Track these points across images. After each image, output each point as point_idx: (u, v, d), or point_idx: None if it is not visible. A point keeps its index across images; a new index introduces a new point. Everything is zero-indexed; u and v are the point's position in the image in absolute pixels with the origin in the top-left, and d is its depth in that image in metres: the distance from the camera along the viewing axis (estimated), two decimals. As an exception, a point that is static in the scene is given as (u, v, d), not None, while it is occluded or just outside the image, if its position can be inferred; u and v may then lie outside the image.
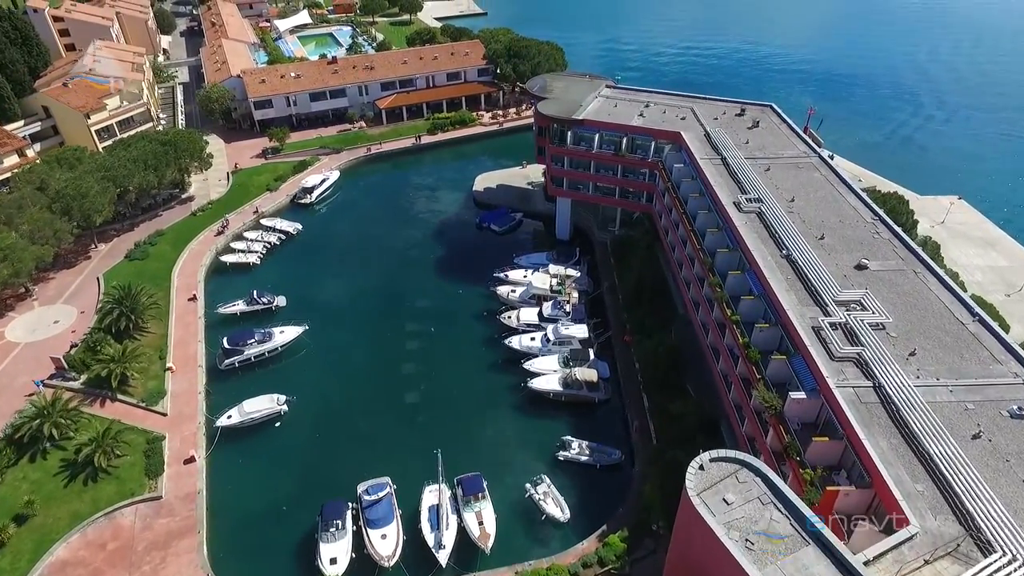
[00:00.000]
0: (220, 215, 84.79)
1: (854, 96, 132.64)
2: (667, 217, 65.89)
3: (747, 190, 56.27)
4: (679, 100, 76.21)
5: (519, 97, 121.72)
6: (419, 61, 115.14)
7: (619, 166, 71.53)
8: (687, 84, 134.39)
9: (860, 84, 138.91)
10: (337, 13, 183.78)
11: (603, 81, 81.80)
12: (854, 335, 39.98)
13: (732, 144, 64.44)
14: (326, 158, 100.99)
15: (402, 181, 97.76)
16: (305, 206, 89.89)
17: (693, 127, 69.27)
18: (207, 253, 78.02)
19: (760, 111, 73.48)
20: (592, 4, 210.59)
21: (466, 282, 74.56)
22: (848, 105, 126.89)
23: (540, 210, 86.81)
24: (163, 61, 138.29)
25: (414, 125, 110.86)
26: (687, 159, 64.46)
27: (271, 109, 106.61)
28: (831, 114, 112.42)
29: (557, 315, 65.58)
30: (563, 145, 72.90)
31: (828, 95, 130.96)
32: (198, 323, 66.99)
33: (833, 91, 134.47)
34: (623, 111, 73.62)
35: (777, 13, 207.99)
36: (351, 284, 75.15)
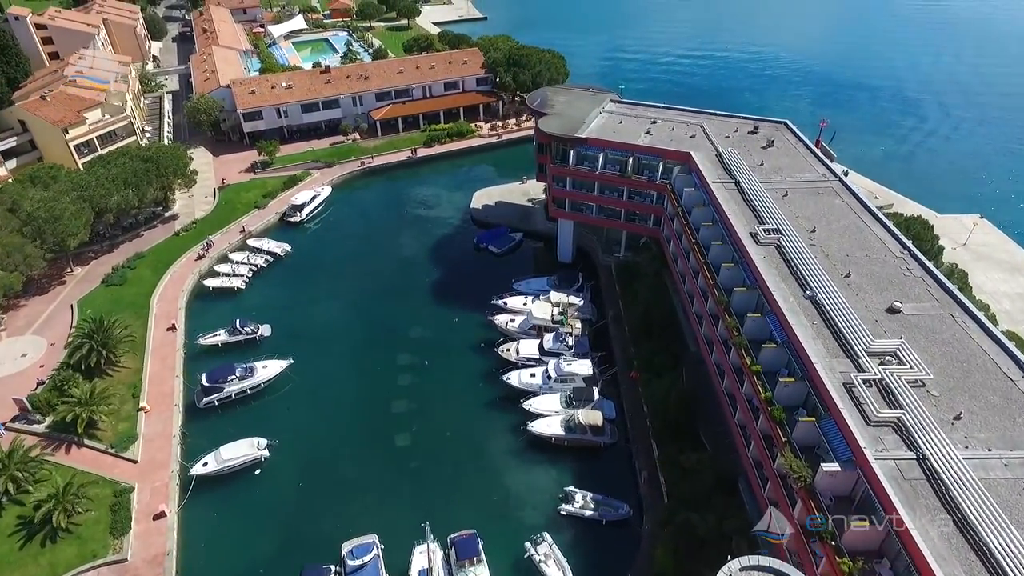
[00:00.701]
0: (205, 235, 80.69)
1: (863, 104, 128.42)
2: (676, 244, 61.71)
3: (764, 219, 52.07)
4: (688, 116, 72.05)
5: (519, 107, 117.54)
6: (415, 70, 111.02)
7: (625, 188, 67.31)
8: (690, 92, 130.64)
9: (869, 92, 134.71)
10: (334, 18, 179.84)
11: (607, 95, 77.65)
12: (891, 394, 35.77)
13: (746, 166, 60.27)
14: (318, 172, 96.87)
15: (397, 197, 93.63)
16: (295, 224, 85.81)
17: (704, 146, 65.12)
18: (189, 277, 73.93)
19: (774, 128, 69.32)
20: (593, 9, 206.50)
21: (463, 309, 70.43)
22: (858, 115, 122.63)
23: (541, 229, 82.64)
24: (152, 69, 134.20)
25: (410, 137, 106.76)
26: (698, 182, 60.28)
27: (261, 121, 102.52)
28: (840, 124, 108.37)
29: (559, 349, 61.40)
30: (565, 165, 68.75)
31: (836, 104, 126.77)
32: (176, 356, 62.82)
33: (841, 99, 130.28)
34: (629, 128, 69.48)
35: (781, 19, 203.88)
36: (341, 310, 71.02)
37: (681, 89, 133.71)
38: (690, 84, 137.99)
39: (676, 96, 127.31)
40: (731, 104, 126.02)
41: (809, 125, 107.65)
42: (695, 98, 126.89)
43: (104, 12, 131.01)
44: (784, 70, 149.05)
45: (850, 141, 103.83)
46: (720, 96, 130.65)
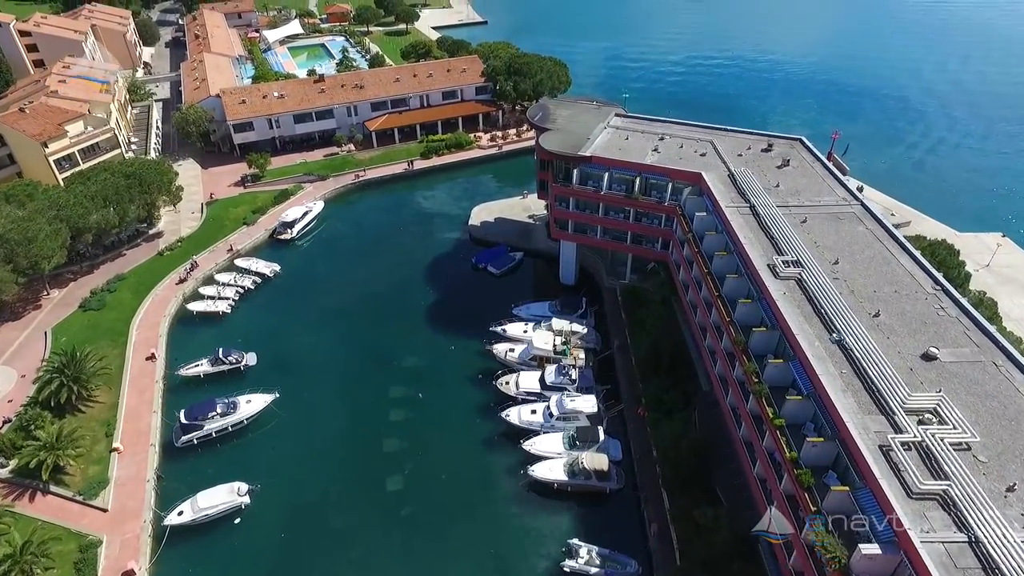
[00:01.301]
0: (190, 254, 77.05)
1: (869, 112, 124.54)
2: (687, 271, 57.92)
3: (783, 249, 48.32)
4: (698, 132, 68.33)
5: (519, 116, 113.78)
6: (413, 79, 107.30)
7: (631, 209, 63.52)
8: (694, 99, 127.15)
9: (873, 99, 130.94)
10: (331, 22, 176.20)
11: (612, 108, 73.93)
12: (934, 460, 32.02)
13: (761, 188, 56.54)
14: (310, 186, 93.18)
15: (392, 212, 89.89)
16: (285, 242, 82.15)
17: (715, 166, 61.40)
18: (172, 300, 70.25)
19: (789, 146, 65.58)
20: (595, 13, 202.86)
21: (460, 335, 66.73)
22: (863, 122, 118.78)
23: (542, 248, 78.86)
24: (142, 76, 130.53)
25: (407, 148, 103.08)
26: (710, 205, 56.52)
27: (252, 132, 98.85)
28: (845, 133, 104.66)
29: (561, 383, 57.64)
30: (568, 184, 64.98)
31: (840, 111, 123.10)
32: (155, 388, 59.11)
33: (845, 107, 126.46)
34: (635, 145, 65.73)
35: (784, 24, 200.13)
36: (331, 336, 67.30)
37: (684, 94, 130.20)
38: (694, 91, 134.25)
39: (679, 103, 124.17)
40: (736, 111, 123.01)
41: (818, 135, 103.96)
42: (699, 106, 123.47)
43: (93, 18, 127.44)
44: (788, 76, 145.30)
45: (856, 152, 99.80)
46: (724, 104, 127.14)
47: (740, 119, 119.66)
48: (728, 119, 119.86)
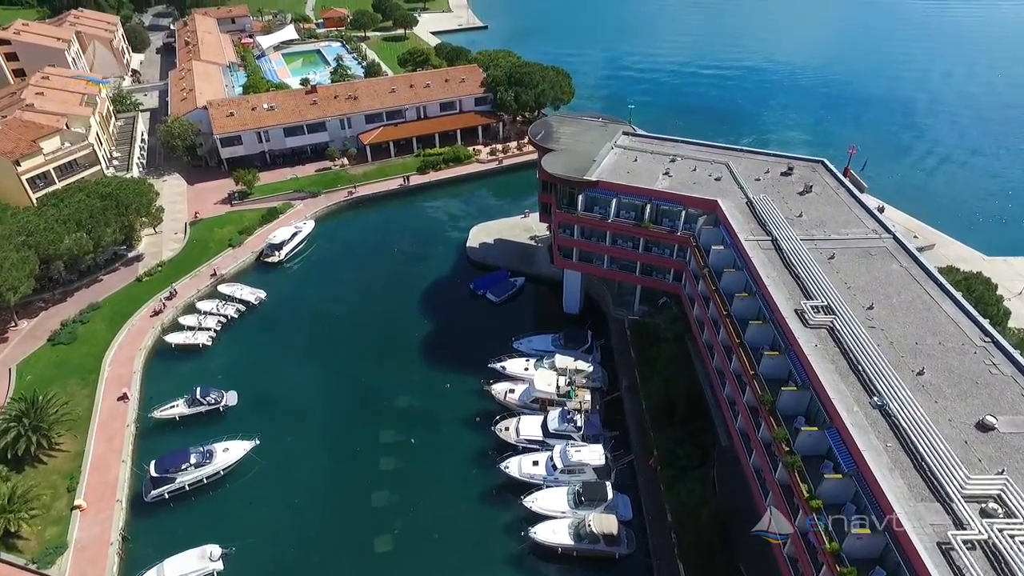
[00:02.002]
0: (171, 280, 72.60)
1: (881, 121, 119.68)
2: (703, 308, 53.31)
3: (811, 292, 43.71)
4: (712, 153, 63.74)
5: (521, 128, 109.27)
6: (409, 89, 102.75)
7: (641, 238, 58.90)
8: (702, 108, 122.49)
9: (879, 108, 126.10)
10: (327, 27, 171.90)
11: (619, 126, 69.38)
12: (1004, 564, 27.41)
13: (783, 218, 51.96)
14: (300, 204, 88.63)
15: (386, 233, 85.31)
16: (272, 266, 77.65)
17: (731, 191, 56.82)
18: (149, 332, 65.76)
19: (810, 169, 60.99)
20: (599, 18, 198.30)
21: (456, 371, 62.21)
22: (877, 133, 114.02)
23: (545, 273, 74.29)
24: (129, 85, 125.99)
25: (402, 163, 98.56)
26: (728, 238, 51.90)
27: (240, 146, 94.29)
28: (863, 144, 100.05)
29: (566, 430, 53.03)
30: (572, 211, 60.36)
31: (854, 121, 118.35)
32: (125, 434, 54.57)
33: (860, 116, 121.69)
34: (645, 168, 61.14)
35: (792, 30, 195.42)
36: (318, 372, 62.75)
37: (691, 103, 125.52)
38: (701, 100, 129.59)
39: (686, 111, 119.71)
40: (743, 120, 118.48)
41: (828, 145, 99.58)
42: (707, 115, 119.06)
43: (79, 24, 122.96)
44: (797, 84, 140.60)
45: (873, 166, 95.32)
46: (732, 113, 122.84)
47: (748, 128, 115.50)
48: (736, 129, 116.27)
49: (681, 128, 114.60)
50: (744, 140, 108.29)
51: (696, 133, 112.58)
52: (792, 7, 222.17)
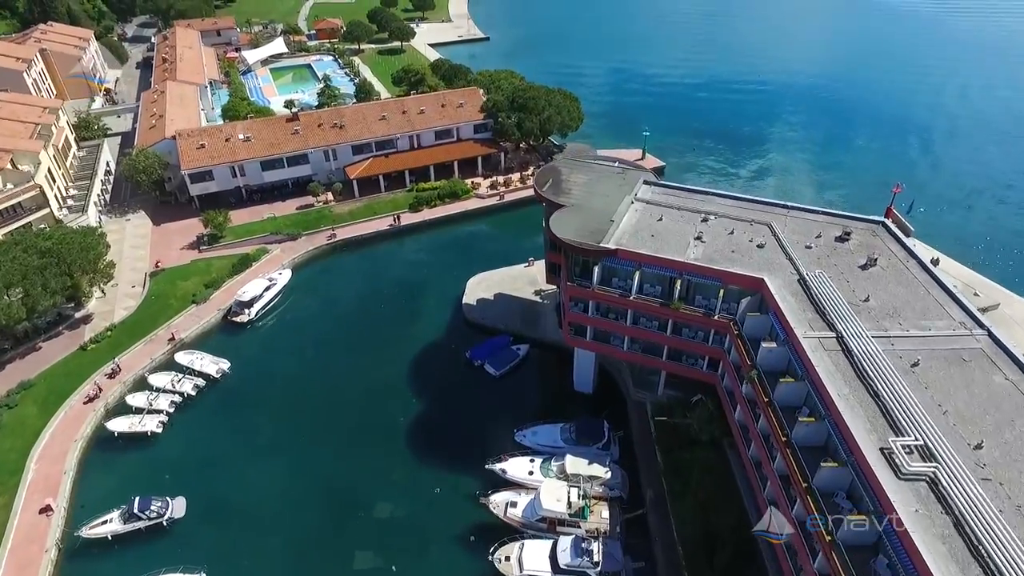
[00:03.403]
0: (121, 347, 63.20)
1: (925, 149, 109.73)
2: (748, 415, 43.50)
3: (899, 422, 33.91)
4: (750, 210, 53.91)
5: (524, 157, 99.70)
6: (401, 116, 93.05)
7: (670, 319, 49.08)
8: (722, 132, 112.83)
9: (915, 133, 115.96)
10: (320, 39, 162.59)
11: (639, 174, 59.63)
12: None
13: (846, 305, 42.16)
14: (277, 248, 79.00)
15: (372, 283, 75.61)
16: (241, 326, 68.03)
17: (779, 264, 47.01)
18: (89, 417, 56.14)
19: (870, 233, 51.25)
20: (605, 29, 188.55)
21: (448, 469, 52.70)
22: (918, 162, 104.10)
23: (553, 339, 64.48)
24: (100, 106, 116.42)
25: (393, 198, 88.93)
26: (780, 330, 42.06)
27: (212, 182, 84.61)
28: (885, 172, 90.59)
29: (580, 565, 43.24)
30: (587, 283, 50.56)
31: (886, 146, 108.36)
32: (43, 560, 44.90)
33: (893, 140, 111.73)
34: (672, 229, 51.35)
35: (814, 41, 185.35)
36: (284, 471, 53.08)
37: (710, 125, 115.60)
38: (719, 121, 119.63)
39: (704, 135, 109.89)
40: (769, 145, 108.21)
41: (871, 183, 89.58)
42: (728, 139, 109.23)
43: (45, 41, 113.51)
44: (824, 102, 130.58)
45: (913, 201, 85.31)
46: (755, 137, 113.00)
47: (775, 153, 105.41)
48: (757, 154, 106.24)
49: (698, 150, 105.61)
50: (769, 175, 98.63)
51: (715, 158, 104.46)
52: (807, 18, 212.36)
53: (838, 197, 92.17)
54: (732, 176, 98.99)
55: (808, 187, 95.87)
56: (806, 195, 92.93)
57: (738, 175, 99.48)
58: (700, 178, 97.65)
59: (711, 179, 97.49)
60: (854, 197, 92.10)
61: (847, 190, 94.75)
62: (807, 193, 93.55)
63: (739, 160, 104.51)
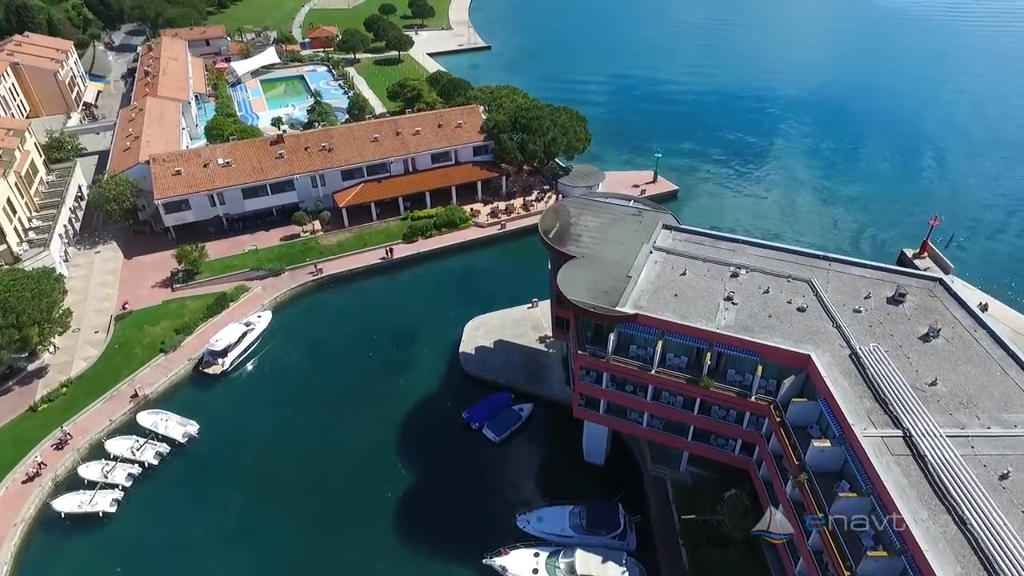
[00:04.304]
0: (78, 406, 56.60)
1: (957, 169, 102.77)
2: (793, 518, 36.62)
3: (995, 561, 27.14)
4: (786, 262, 47.22)
5: (527, 180, 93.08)
6: (395, 138, 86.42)
7: (698, 397, 42.31)
8: (739, 149, 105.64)
9: (967, 154, 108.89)
10: (314, 47, 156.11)
11: (657, 215, 52.86)
12: None
13: (910, 391, 35.49)
14: (258, 286, 72.40)
15: (360, 327, 68.89)
16: (213, 379, 61.37)
17: (825, 335, 40.30)
18: (34, 494, 49.42)
19: (927, 293, 44.37)
20: (612, 37, 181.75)
21: (439, 559, 46.25)
22: (950, 184, 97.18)
23: (559, 396, 57.99)
24: (77, 124, 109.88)
25: (386, 227, 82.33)
26: (835, 428, 35.19)
27: (188, 211, 77.99)
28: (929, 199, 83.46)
29: None
30: (600, 352, 43.77)
31: (923, 171, 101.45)
32: None
33: (933, 162, 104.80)
34: (697, 287, 44.60)
35: (835, 49, 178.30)
36: (255, 559, 46.45)
37: (725, 141, 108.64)
38: (734, 139, 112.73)
39: (720, 153, 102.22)
40: (791, 166, 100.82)
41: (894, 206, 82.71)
42: (742, 160, 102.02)
43: (19, 54, 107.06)
44: (848, 115, 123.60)
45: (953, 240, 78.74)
46: (774, 154, 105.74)
47: (793, 173, 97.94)
48: (780, 173, 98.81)
49: (713, 171, 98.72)
50: (787, 198, 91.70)
51: (730, 179, 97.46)
52: (821, 25, 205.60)
53: (863, 224, 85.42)
54: (749, 200, 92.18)
55: (830, 212, 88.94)
56: (828, 221, 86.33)
57: (756, 199, 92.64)
58: (716, 203, 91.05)
59: (728, 203, 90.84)
60: (882, 221, 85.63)
61: (874, 214, 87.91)
62: (829, 219, 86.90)
63: (755, 181, 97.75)
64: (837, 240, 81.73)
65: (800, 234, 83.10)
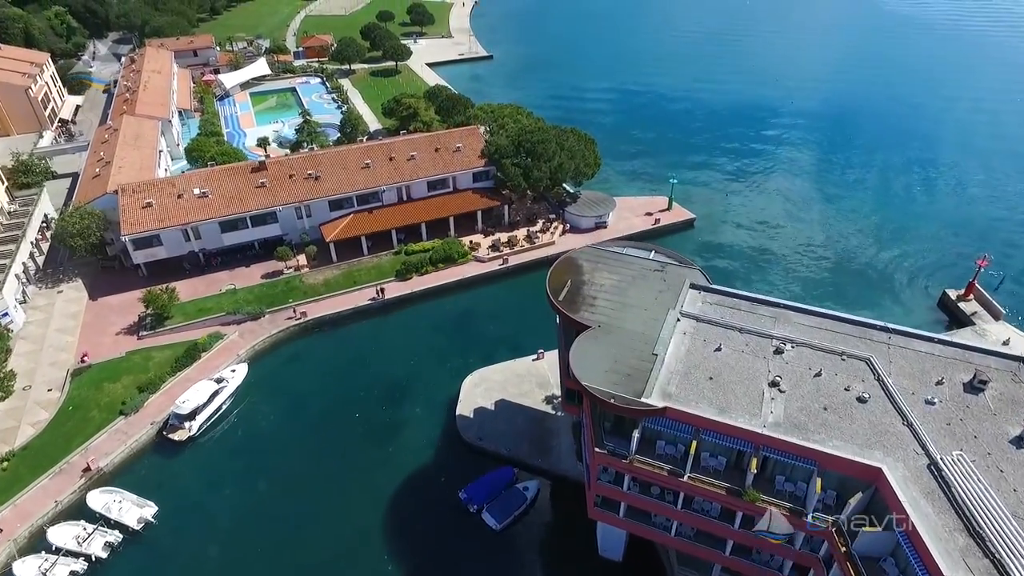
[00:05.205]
0: (20, 483, 49.45)
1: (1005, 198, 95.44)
2: None
3: None
4: (836, 333, 40.23)
5: (532, 208, 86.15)
6: (388, 163, 79.51)
7: (740, 512, 35.18)
8: (750, 165, 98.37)
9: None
10: (308, 57, 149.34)
11: (684, 272, 45.76)
12: None
13: (1013, 523, 28.43)
14: (235, 332, 65.43)
15: (346, 381, 61.94)
16: (178, 445, 54.40)
17: (895, 436, 33.31)
18: (-41, 599, 42.34)
19: (1011, 377, 37.23)
20: (619, 46, 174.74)
21: None
22: (996, 214, 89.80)
23: (569, 472, 51.04)
24: (50, 144, 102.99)
25: (377, 263, 75.42)
26: (914, 560, 28.05)
27: (160, 247, 71.09)
28: (968, 230, 76.28)
29: None
30: (621, 448, 36.67)
31: (962, 198, 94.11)
32: None
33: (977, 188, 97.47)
34: (736, 367, 37.55)
35: (848, 60, 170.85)
36: None
37: (734, 162, 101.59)
38: (749, 158, 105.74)
39: (730, 171, 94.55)
40: (811, 194, 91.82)
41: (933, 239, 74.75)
42: (759, 178, 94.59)
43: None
44: (868, 138, 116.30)
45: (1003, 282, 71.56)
46: (796, 182, 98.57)
47: (817, 200, 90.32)
48: (802, 197, 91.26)
49: (732, 203, 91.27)
50: (814, 230, 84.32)
51: (750, 204, 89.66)
52: (838, 35, 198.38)
53: (898, 258, 78.28)
54: (769, 230, 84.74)
55: (859, 243, 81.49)
56: (858, 254, 78.99)
57: (776, 228, 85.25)
58: (736, 233, 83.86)
59: (747, 234, 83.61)
60: (919, 255, 78.60)
61: (910, 246, 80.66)
62: (859, 251, 79.53)
63: (775, 209, 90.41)
64: (871, 278, 74.62)
65: (824, 269, 76.20)
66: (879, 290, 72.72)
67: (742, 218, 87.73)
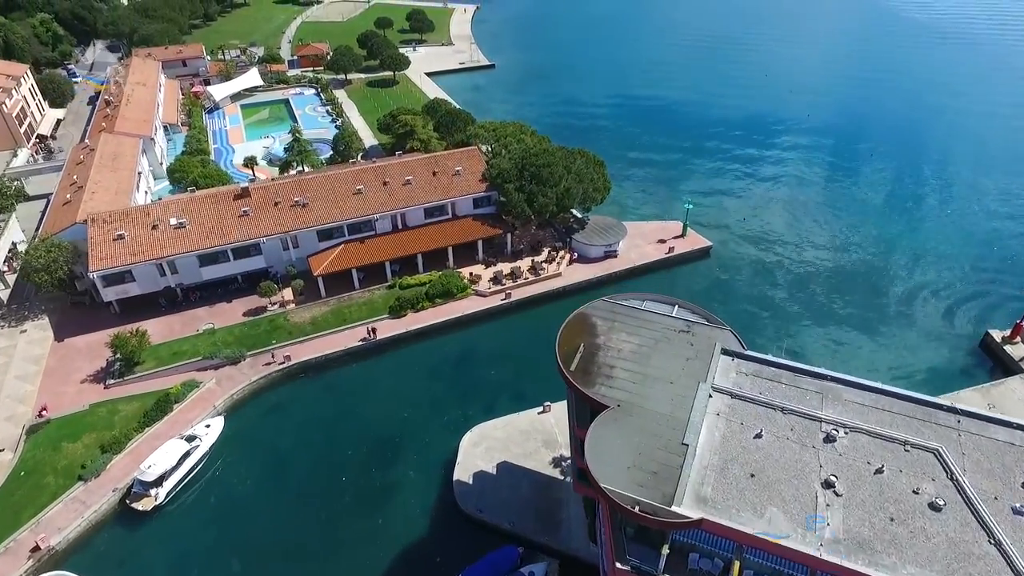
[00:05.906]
0: (-40, 566, 43.52)
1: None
2: None
3: None
4: (892, 412, 34.30)
5: (536, 234, 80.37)
6: (381, 188, 73.80)
7: (790, 644, 29.30)
8: (766, 187, 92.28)
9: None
10: (303, 66, 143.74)
11: (714, 333, 39.82)
12: None
13: None
14: (211, 380, 59.59)
15: (333, 436, 56.19)
16: (142, 516, 48.70)
17: (979, 558, 27.57)
18: None
19: (1108, 477, 31.00)
20: (625, 54, 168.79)
21: None
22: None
23: (579, 552, 45.20)
24: (26, 162, 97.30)
25: (369, 298, 69.69)
26: None
27: (133, 283, 65.37)
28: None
29: None
30: (648, 567, 30.74)
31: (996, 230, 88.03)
32: None
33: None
34: (781, 461, 31.68)
35: (867, 72, 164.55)
36: None
37: (748, 182, 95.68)
38: (765, 178, 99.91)
39: (746, 192, 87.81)
40: (834, 219, 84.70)
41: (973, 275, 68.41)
42: (775, 197, 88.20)
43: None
44: (894, 158, 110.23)
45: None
46: (816, 202, 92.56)
47: (845, 226, 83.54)
48: (827, 228, 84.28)
49: (750, 228, 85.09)
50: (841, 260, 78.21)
51: (767, 228, 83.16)
52: (856, 44, 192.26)
53: (931, 292, 72.36)
54: (795, 264, 78.57)
55: (896, 282, 75.31)
56: (894, 295, 72.86)
57: (803, 260, 79.10)
58: (757, 264, 77.79)
59: (771, 266, 77.57)
60: (954, 288, 72.87)
61: (944, 278, 74.77)
62: (894, 292, 73.32)
63: (794, 233, 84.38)
64: (908, 316, 68.70)
65: (853, 305, 70.29)
66: (917, 330, 66.86)
67: (761, 244, 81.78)
